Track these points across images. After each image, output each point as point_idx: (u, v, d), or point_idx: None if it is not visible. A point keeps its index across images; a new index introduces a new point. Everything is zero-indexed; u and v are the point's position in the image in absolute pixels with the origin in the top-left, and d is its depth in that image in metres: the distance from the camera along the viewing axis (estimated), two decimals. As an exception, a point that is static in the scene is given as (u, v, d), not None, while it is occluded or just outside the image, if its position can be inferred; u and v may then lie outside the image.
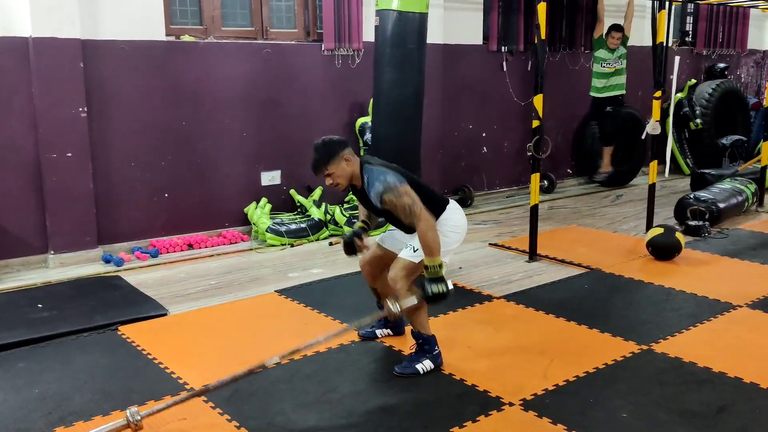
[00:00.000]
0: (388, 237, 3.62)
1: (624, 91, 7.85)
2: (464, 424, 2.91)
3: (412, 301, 3.24)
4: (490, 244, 5.81)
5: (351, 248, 3.60)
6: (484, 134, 7.65)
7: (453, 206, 3.48)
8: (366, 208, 3.60)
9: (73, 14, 5.03)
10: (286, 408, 3.07)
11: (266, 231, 5.79)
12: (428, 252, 3.17)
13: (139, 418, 2.72)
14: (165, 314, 4.23)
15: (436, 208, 3.38)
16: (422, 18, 5.07)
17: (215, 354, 3.67)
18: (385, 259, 3.58)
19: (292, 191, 6.30)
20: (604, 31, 7.62)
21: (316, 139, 3.40)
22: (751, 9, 9.77)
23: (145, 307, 4.30)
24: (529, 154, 5.19)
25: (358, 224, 3.65)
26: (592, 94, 7.85)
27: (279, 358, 3.05)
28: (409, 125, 5.18)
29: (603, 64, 7.65)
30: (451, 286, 3.21)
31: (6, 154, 5.03)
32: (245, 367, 2.99)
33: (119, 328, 3.98)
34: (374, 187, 3.24)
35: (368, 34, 6.49)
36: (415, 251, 3.30)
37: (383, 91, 5.16)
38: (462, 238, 3.49)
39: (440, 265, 3.17)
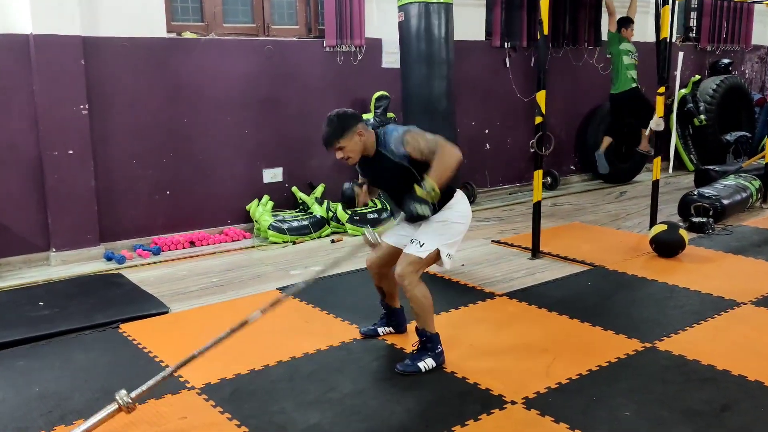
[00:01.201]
0: (394, 234, 3.58)
1: None
2: (466, 423, 2.89)
3: (392, 224, 3.27)
4: (492, 241, 5.79)
5: (351, 201, 3.48)
6: (486, 131, 7.62)
7: (460, 194, 3.47)
8: (373, 179, 3.50)
9: (74, 11, 5.02)
10: (286, 407, 3.06)
11: (268, 228, 5.78)
12: (435, 173, 3.09)
13: (129, 400, 2.73)
14: (166, 312, 4.22)
15: (446, 193, 3.35)
16: (447, 9, 4.96)
17: (216, 352, 3.61)
18: (391, 256, 3.55)
19: (294, 188, 6.28)
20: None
21: (330, 112, 3.31)
22: (756, 4, 9.71)
23: (147, 305, 4.29)
24: (532, 150, 5.17)
25: (359, 181, 3.57)
26: (633, 86, 7.57)
27: (260, 312, 3.09)
28: (442, 122, 5.04)
29: (631, 56, 7.54)
30: (429, 213, 3.14)
31: (7, 152, 5.03)
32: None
33: (120, 326, 3.97)
34: (394, 134, 3.21)
35: (370, 31, 6.47)
36: (421, 246, 3.28)
37: (413, 88, 5.02)
38: (466, 228, 3.47)
39: (434, 189, 3.09)
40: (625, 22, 7.51)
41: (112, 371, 3.44)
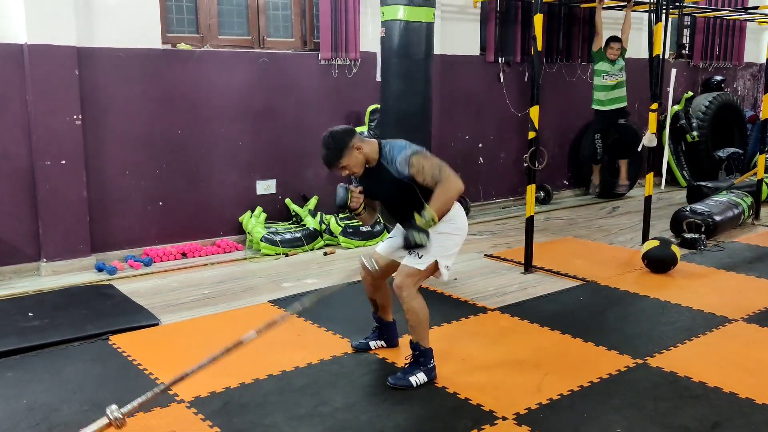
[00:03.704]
0: (388, 245, 3.57)
1: (626, 103, 7.84)
2: (457, 439, 2.88)
3: (388, 254, 3.30)
4: (485, 255, 5.79)
5: (343, 203, 3.40)
6: (480, 145, 7.64)
7: (458, 206, 3.46)
8: (372, 190, 3.45)
9: (69, 21, 5.02)
10: (278, 421, 3.04)
11: (261, 240, 5.76)
12: (436, 204, 3.12)
13: (119, 415, 2.70)
14: (157, 324, 4.20)
15: None
16: (429, 27, 5.05)
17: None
18: (385, 268, 3.54)
19: (288, 200, 6.28)
20: (603, 44, 7.63)
21: (324, 132, 3.29)
22: (748, 22, 9.79)
23: (137, 317, 4.27)
24: (525, 165, 5.18)
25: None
26: (595, 107, 7.77)
27: (255, 333, 3.02)
28: (416, 136, 5.14)
29: (604, 77, 7.62)
30: (428, 242, 3.13)
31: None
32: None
33: (110, 337, 3.95)
34: (401, 152, 3.20)
35: (365, 44, 6.49)
36: (420, 258, 3.28)
37: (391, 102, 5.11)
38: (463, 240, 3.47)
39: (434, 220, 3.12)
40: (607, 41, 7.59)
41: (101, 383, 3.41)
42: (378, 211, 3.66)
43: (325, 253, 5.82)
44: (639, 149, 6.43)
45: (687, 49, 9.66)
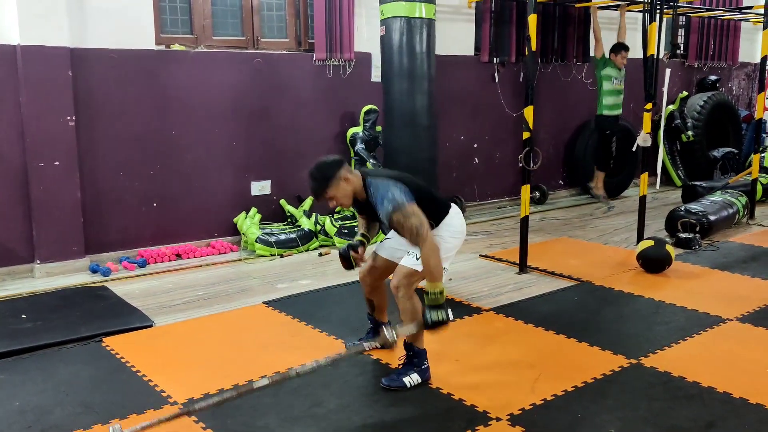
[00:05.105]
0: (386, 246, 3.57)
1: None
2: (451, 440, 2.88)
3: (410, 329, 3.20)
4: (480, 255, 5.79)
5: (347, 262, 3.52)
6: (475, 145, 7.64)
7: (455, 211, 3.46)
8: (367, 218, 3.55)
9: (62, 22, 5.01)
10: (270, 422, 3.03)
11: (255, 241, 5.75)
12: (430, 277, 3.10)
13: None
14: (150, 326, 4.18)
15: (439, 212, 3.36)
16: (430, 24, 5.00)
17: (200, 367, 3.62)
18: (384, 269, 3.55)
19: (282, 201, 6.27)
20: (604, 49, 7.60)
21: (310, 165, 3.29)
22: (743, 22, 9.81)
23: (131, 319, 4.25)
24: (520, 165, 5.18)
25: (358, 237, 3.58)
26: (605, 112, 7.69)
27: (268, 379, 2.94)
28: (423, 135, 5.08)
29: (614, 81, 7.61)
30: (451, 316, 3.12)
31: (-8, 163, 5.00)
32: (233, 388, 2.93)
33: (104, 339, 3.93)
34: (383, 206, 3.16)
35: (360, 45, 6.49)
36: (418, 258, 3.27)
37: (395, 102, 5.04)
38: (461, 243, 3.47)
39: (441, 292, 3.08)
40: (616, 49, 7.56)
41: (94, 386, 3.40)
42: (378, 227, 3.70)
43: (321, 254, 5.81)
44: (634, 149, 6.44)
45: (681, 48, 9.68)
